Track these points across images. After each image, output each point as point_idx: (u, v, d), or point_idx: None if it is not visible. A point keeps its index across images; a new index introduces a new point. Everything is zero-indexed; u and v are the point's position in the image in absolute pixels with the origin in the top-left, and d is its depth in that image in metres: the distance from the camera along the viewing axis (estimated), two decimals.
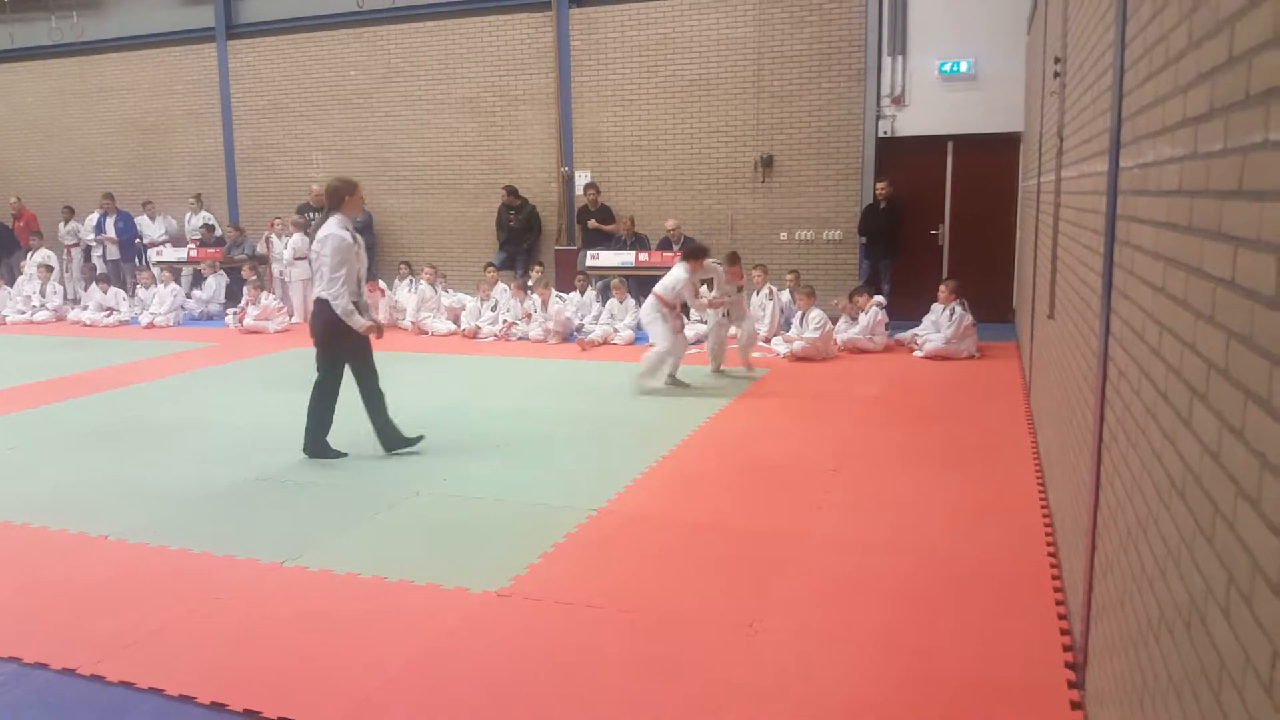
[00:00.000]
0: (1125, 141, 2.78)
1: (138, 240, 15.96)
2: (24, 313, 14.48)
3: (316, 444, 6.41)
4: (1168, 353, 2.04)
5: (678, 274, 8.60)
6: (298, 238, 13.77)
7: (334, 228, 6.11)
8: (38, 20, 16.83)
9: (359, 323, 6.17)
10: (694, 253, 8.77)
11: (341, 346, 6.27)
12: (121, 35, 16.52)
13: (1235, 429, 1.48)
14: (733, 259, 9.17)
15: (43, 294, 14.69)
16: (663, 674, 3.46)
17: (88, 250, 16.12)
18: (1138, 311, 2.46)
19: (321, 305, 6.19)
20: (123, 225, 15.76)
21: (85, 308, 14.28)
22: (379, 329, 6.35)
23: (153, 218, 16.14)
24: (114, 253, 15.77)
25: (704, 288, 9.30)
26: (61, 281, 15.37)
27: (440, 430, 7.16)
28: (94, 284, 14.55)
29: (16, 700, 3.39)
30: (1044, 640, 3.64)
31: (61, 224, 16.38)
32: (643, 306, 8.88)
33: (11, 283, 15.21)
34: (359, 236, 6.34)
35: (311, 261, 6.12)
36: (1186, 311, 1.87)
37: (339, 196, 6.20)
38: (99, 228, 15.77)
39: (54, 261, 15.30)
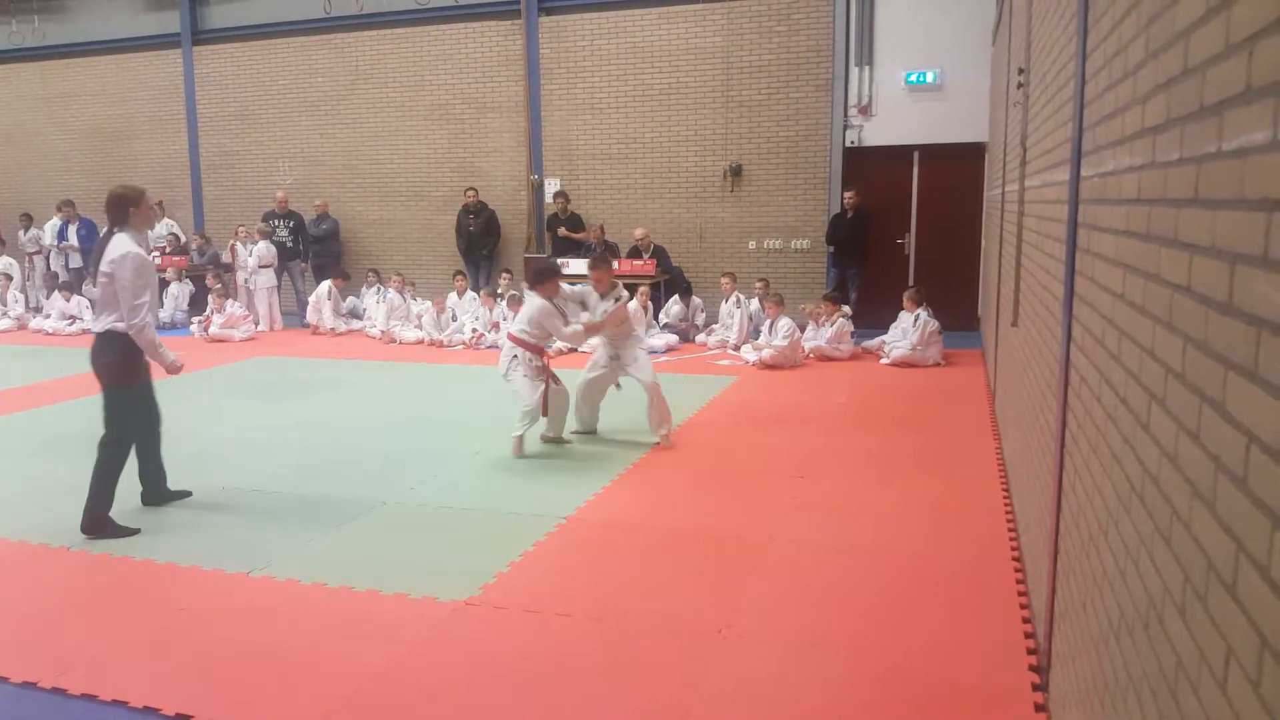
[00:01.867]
0: (1086, 151, 2.83)
1: None
2: None
3: (97, 518, 5.09)
4: (1127, 358, 2.08)
5: (531, 305, 6.74)
6: (263, 245, 13.67)
7: (129, 245, 5.08)
8: None
9: (167, 358, 5.23)
10: (540, 275, 6.85)
11: (137, 388, 5.28)
12: (84, 40, 16.32)
13: (1192, 432, 1.51)
14: (597, 263, 7.17)
15: (3, 302, 14.46)
16: (631, 679, 3.46)
17: (49, 258, 15.89)
18: (1098, 318, 2.51)
19: (109, 340, 5.09)
20: (85, 233, 15.54)
21: (48, 316, 14.07)
22: (181, 366, 5.44)
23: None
24: (76, 260, 15.55)
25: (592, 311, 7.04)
26: (23, 290, 15.14)
27: (408, 439, 7.12)
28: (56, 292, 14.34)
29: None
30: (1008, 643, 3.68)
31: (21, 231, 16.15)
32: (501, 352, 6.94)
33: None
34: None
35: (100, 286, 5.05)
36: (1145, 318, 1.90)
37: (123, 208, 5.16)
38: (60, 235, 15.55)
39: (15, 270, 15.07)
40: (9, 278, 14.67)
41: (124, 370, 5.14)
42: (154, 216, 5.47)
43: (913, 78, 12.10)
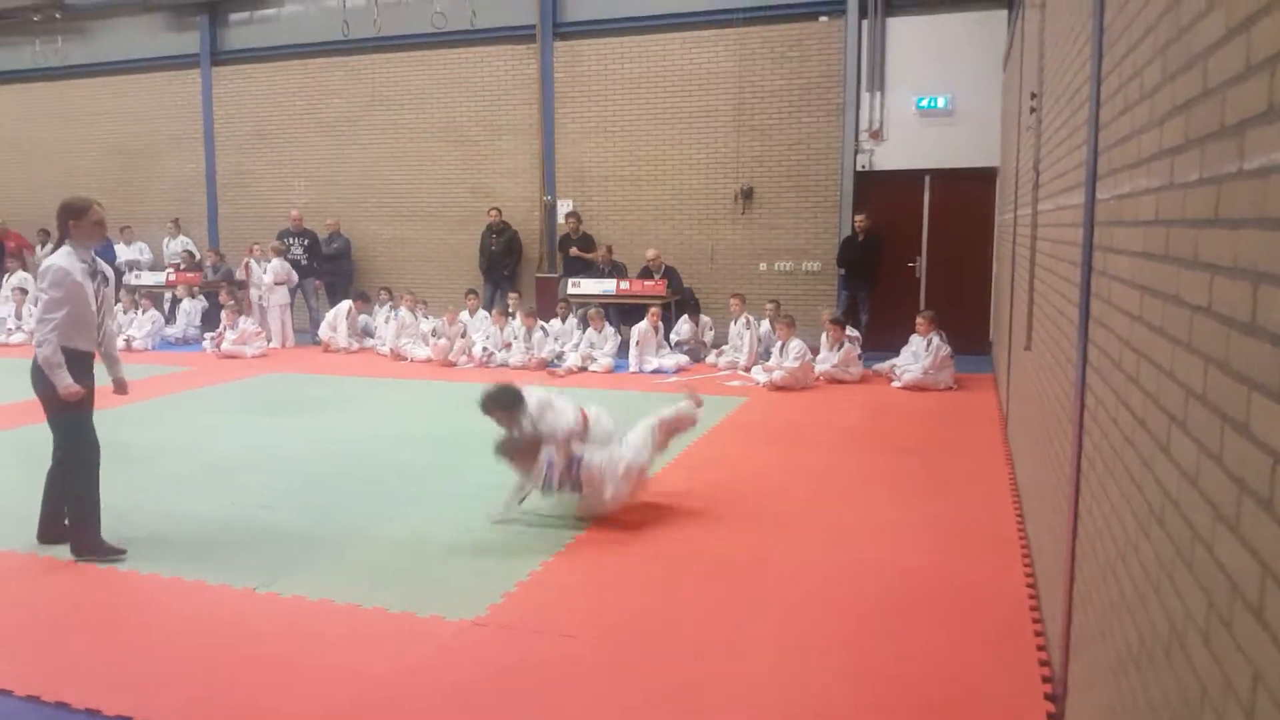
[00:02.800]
0: (1102, 174, 2.82)
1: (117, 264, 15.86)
2: None
3: (88, 539, 4.92)
4: (1145, 380, 2.06)
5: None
6: (277, 263, 13.74)
7: (58, 258, 4.82)
8: (21, 44, 16.82)
9: (63, 380, 4.75)
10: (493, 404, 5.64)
11: (81, 414, 4.96)
12: (105, 60, 16.50)
13: (1214, 453, 1.49)
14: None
15: (19, 316, 14.54)
16: (639, 700, 3.43)
17: None
18: (1115, 340, 2.49)
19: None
20: (102, 249, 15.61)
21: None
22: (85, 394, 4.89)
23: (129, 243, 16.03)
24: None
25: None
26: (37, 304, 15.21)
27: (417, 456, 7.11)
28: None
29: None
30: (1023, 671, 3.64)
31: (39, 247, 16.26)
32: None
33: None
34: (104, 271, 5.07)
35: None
36: (1164, 339, 1.88)
37: (63, 221, 4.89)
38: None
39: (30, 284, 15.16)
40: (24, 292, 14.76)
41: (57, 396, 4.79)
42: (97, 233, 4.95)
43: (924, 103, 12.13)
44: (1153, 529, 1.93)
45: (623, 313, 12.53)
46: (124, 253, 15.90)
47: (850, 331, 10.83)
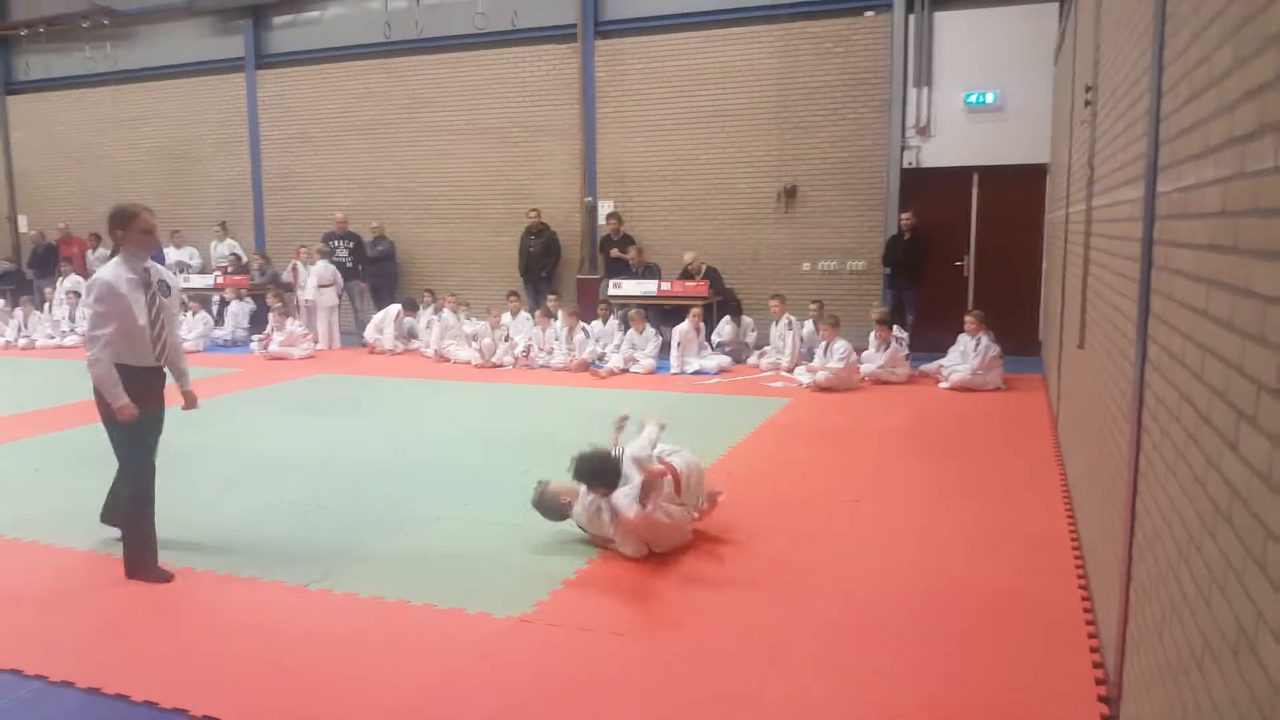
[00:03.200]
0: (1163, 166, 2.76)
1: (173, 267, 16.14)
2: (53, 337, 14.65)
3: (139, 562, 4.69)
4: (1211, 376, 2.01)
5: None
6: (322, 265, 13.91)
7: (106, 271, 4.65)
8: (72, 50, 17.17)
9: (118, 399, 4.59)
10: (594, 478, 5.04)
11: (136, 426, 4.70)
12: (153, 65, 16.80)
13: None
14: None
15: (72, 319, 14.85)
16: (683, 703, 3.41)
17: None
18: (1177, 336, 2.43)
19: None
20: (154, 254, 15.91)
21: None
22: (144, 414, 4.69)
23: (179, 246, 16.30)
24: None
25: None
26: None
27: (461, 456, 7.15)
28: None
29: (42, 718, 3.37)
30: (1076, 673, 3.57)
31: (90, 250, 16.61)
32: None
33: (42, 308, 15.39)
34: (164, 279, 4.86)
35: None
36: (1232, 333, 1.83)
37: (113, 229, 4.69)
38: None
39: (83, 288, 15.48)
40: (77, 295, 15.07)
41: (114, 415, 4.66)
42: (146, 241, 4.69)
43: (972, 98, 11.98)
44: (1219, 528, 1.88)
45: (663, 314, 12.51)
46: (173, 255, 16.17)
47: (897, 332, 10.72)
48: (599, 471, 4.96)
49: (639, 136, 13.69)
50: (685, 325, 11.52)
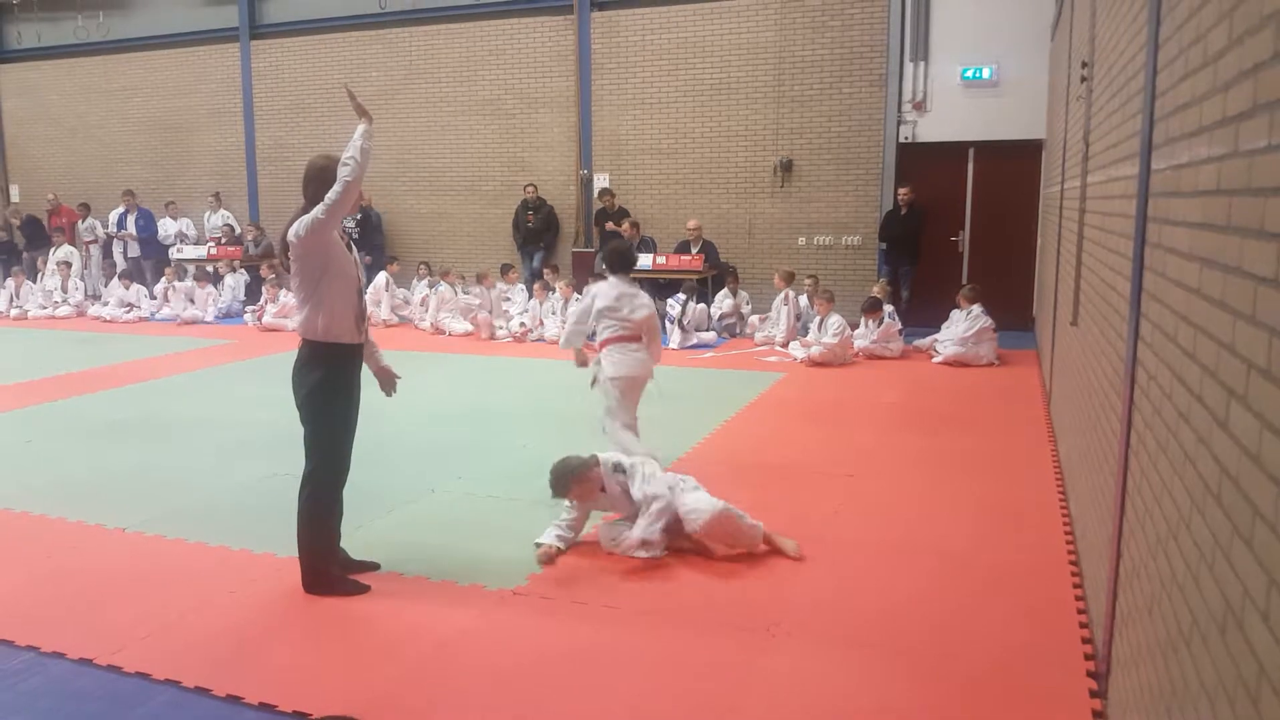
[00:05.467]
0: (1158, 143, 2.75)
1: (164, 238, 16.05)
2: (45, 308, 14.60)
3: (312, 572, 4.15)
4: (1203, 355, 2.01)
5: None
6: None
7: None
8: (64, 19, 16.98)
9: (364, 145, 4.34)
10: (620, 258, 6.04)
11: (337, 407, 4.16)
12: (146, 34, 16.63)
13: (1277, 429, 1.45)
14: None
15: (64, 290, 14.80)
16: (680, 673, 3.44)
17: (107, 247, 16.25)
18: (1169, 314, 2.43)
19: (318, 350, 4.08)
20: (143, 223, 15.87)
21: (105, 303, 14.39)
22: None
23: (175, 218, 16.21)
24: (134, 249, 15.88)
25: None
26: (82, 278, 15.48)
27: (456, 429, 7.16)
28: (115, 280, 14.66)
29: (34, 689, 3.39)
30: (1065, 647, 3.60)
31: (79, 221, 16.52)
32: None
33: (35, 278, 15.32)
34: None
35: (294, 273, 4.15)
36: (1224, 312, 1.84)
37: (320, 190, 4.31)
38: (120, 224, 15.89)
39: (74, 258, 15.42)
40: (69, 265, 15.01)
41: (328, 389, 4.10)
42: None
43: (969, 73, 11.91)
44: (1208, 506, 1.89)
45: (658, 288, 12.47)
46: (171, 226, 16.08)
47: (886, 307, 10.71)
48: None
49: (635, 109, 13.62)
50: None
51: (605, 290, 5.80)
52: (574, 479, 4.65)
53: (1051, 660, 3.52)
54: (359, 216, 14.36)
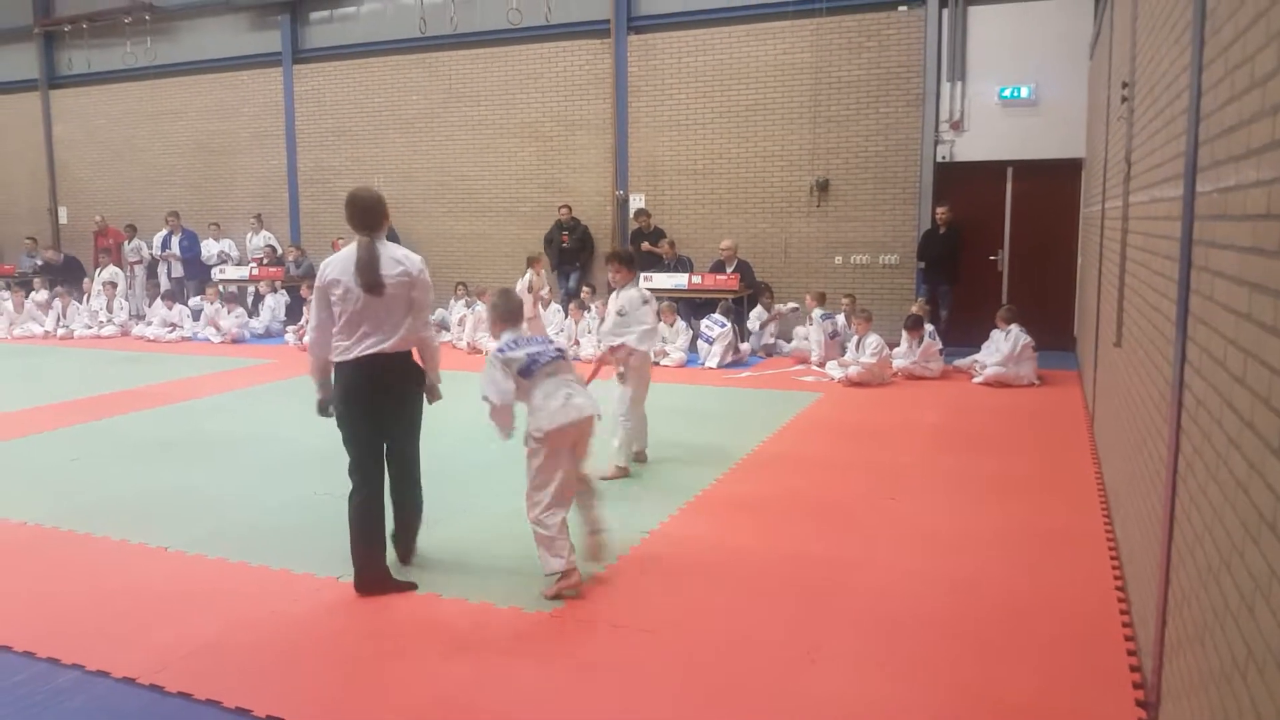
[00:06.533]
0: (1203, 166, 2.71)
1: (207, 259, 16.31)
2: (91, 327, 14.87)
3: (361, 576, 4.45)
4: (1254, 381, 1.98)
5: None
6: None
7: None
8: (113, 45, 17.40)
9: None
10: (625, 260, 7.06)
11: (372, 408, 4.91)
12: (192, 59, 16.99)
13: None
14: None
15: (109, 310, 15.07)
16: (718, 701, 3.41)
17: (152, 267, 16.55)
18: (1218, 338, 2.39)
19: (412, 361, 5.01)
20: (187, 244, 16.17)
21: (149, 323, 14.63)
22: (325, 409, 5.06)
23: (218, 239, 16.48)
24: (178, 270, 16.17)
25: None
26: (126, 298, 15.76)
27: (491, 449, 7.17)
28: (159, 300, 14.91)
29: (78, 707, 3.43)
30: (1112, 676, 3.54)
31: (125, 242, 16.86)
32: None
33: (81, 299, 15.62)
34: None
35: (388, 297, 4.81)
36: (1276, 338, 1.80)
37: (382, 222, 4.92)
38: (164, 245, 16.20)
39: (120, 279, 15.71)
40: (114, 285, 15.29)
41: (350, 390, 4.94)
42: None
43: (1006, 93, 11.84)
44: (1263, 534, 1.85)
45: (694, 307, 12.49)
46: (214, 247, 16.36)
47: (927, 326, 10.64)
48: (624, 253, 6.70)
49: (671, 131, 13.67)
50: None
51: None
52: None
53: (1099, 688, 3.46)
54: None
